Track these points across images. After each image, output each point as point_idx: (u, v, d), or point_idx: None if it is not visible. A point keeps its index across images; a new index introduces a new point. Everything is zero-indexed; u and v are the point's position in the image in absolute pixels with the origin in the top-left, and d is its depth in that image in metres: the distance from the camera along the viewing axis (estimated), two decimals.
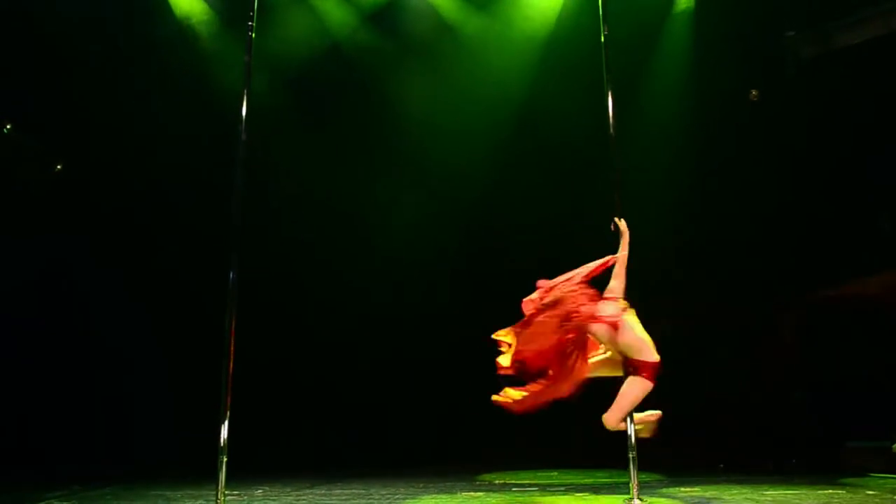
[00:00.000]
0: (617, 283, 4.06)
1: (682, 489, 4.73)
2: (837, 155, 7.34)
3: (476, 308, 7.92)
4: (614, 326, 3.79)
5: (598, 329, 3.82)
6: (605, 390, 4.20)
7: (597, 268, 4.04)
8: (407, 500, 4.51)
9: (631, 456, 3.99)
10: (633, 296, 4.11)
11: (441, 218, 7.99)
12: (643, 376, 3.77)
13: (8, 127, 7.29)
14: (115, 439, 7.32)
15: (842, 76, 7.40)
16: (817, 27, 7.55)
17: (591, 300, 3.88)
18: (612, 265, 4.09)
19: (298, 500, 4.67)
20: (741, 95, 7.83)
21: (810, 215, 7.46)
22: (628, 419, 3.89)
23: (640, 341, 3.81)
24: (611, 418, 3.80)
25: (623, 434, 3.99)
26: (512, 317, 8.27)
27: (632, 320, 3.86)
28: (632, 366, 3.82)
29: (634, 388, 3.79)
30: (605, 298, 3.94)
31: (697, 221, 7.78)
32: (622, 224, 4.20)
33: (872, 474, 5.56)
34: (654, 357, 3.79)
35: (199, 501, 4.52)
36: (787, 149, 7.62)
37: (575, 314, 3.80)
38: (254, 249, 5.35)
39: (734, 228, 7.69)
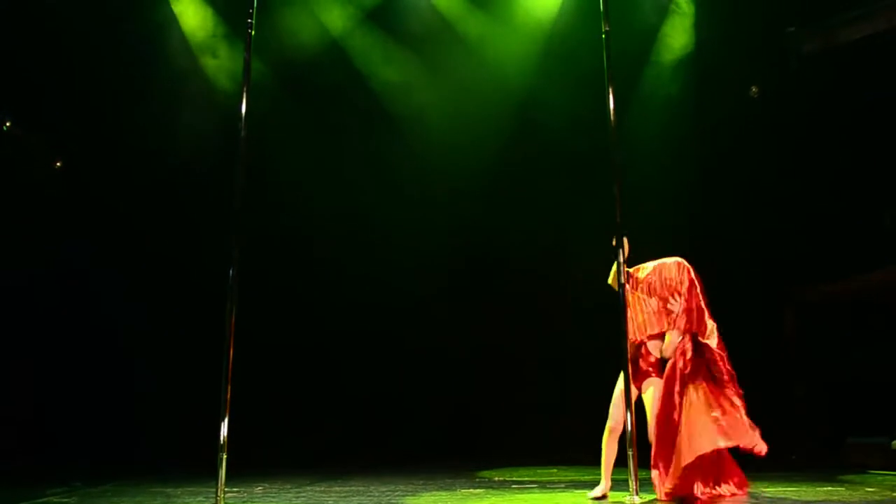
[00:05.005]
0: None
1: None
2: (840, 150, 7.33)
3: (476, 302, 7.95)
4: None
5: None
6: (603, 390, 4.21)
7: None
8: (406, 498, 4.51)
9: (630, 453, 4.01)
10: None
11: (441, 213, 7.98)
12: None
13: (8, 125, 7.27)
14: (115, 436, 7.32)
15: (844, 72, 7.38)
16: (819, 23, 7.53)
17: None
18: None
19: (298, 497, 4.68)
20: (743, 90, 7.82)
21: (813, 211, 7.45)
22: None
23: None
24: None
25: (622, 433, 4.00)
26: (515, 308, 8.18)
27: None
28: None
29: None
30: None
31: (699, 216, 7.77)
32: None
33: (872, 471, 5.55)
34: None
35: (200, 498, 4.53)
36: (789, 144, 7.61)
37: None
38: (254, 246, 5.34)
39: (736, 223, 7.68)
